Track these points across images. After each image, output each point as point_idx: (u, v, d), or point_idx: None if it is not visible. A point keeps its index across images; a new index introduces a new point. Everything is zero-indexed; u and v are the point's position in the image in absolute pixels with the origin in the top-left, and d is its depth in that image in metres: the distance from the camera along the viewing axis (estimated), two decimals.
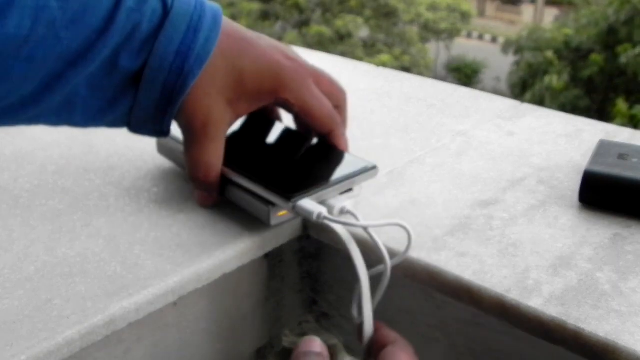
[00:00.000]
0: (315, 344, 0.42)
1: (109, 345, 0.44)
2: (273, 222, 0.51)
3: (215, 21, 0.46)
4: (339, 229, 0.49)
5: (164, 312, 0.47)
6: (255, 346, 0.57)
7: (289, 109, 0.52)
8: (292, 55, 0.52)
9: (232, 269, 0.50)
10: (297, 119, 0.56)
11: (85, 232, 0.52)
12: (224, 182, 0.54)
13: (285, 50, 0.52)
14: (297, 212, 0.50)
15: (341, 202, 0.52)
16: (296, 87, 0.50)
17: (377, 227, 0.48)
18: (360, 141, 0.67)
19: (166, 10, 0.44)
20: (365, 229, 0.48)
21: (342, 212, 0.51)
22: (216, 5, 0.47)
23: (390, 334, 0.44)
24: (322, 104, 0.52)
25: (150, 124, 0.48)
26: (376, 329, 0.45)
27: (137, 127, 0.49)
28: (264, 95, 0.50)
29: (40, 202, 0.56)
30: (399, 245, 0.49)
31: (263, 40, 0.50)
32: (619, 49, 9.64)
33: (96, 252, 0.49)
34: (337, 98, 0.55)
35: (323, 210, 0.49)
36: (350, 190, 0.54)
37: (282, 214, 0.51)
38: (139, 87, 0.45)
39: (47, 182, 0.60)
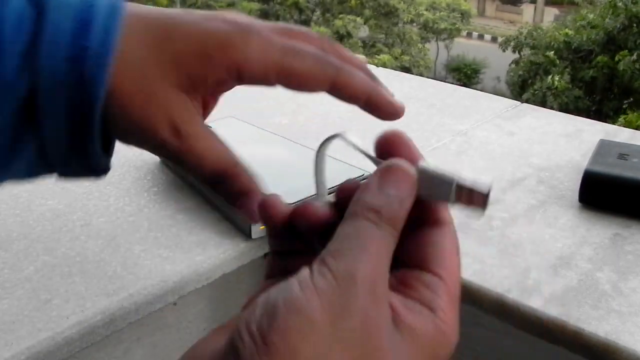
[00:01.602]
0: (405, 183, 0.30)
1: (108, 345, 0.44)
2: (254, 235, 0.51)
3: (113, 6, 0.34)
4: None
5: (164, 312, 0.47)
6: None
7: (267, 83, 0.36)
8: (235, 16, 0.38)
9: (232, 269, 0.50)
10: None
11: (85, 232, 0.52)
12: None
13: (225, 15, 0.38)
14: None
15: None
16: (254, 48, 0.35)
17: None
18: (360, 141, 0.67)
19: (39, 9, 0.33)
20: None
21: None
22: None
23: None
24: (301, 54, 0.36)
25: (75, 160, 0.36)
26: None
27: (64, 170, 0.37)
28: (216, 71, 0.36)
29: (40, 202, 0.56)
30: None
31: (193, 15, 0.38)
32: (619, 55, 9.67)
33: (96, 252, 0.49)
34: (320, 43, 0.38)
35: None
36: None
37: (264, 227, 0.51)
38: (36, 118, 0.33)
39: (47, 182, 0.60)
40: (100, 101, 0.33)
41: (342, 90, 0.37)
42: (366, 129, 0.76)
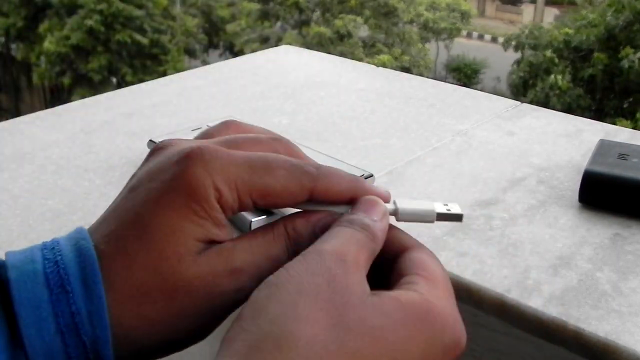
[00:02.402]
0: (376, 209, 0.31)
1: None
2: None
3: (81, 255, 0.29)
4: None
5: None
6: None
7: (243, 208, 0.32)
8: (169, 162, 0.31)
9: None
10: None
11: None
12: None
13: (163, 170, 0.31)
14: None
15: None
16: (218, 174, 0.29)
17: None
18: (360, 141, 0.67)
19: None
20: None
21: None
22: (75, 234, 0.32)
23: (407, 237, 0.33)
24: (271, 166, 0.31)
25: None
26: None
27: None
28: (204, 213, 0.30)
29: (40, 202, 0.56)
30: None
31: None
32: (621, 52, 9.67)
33: None
34: (273, 146, 0.34)
35: None
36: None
37: None
38: None
39: (47, 182, 0.60)
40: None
41: (323, 197, 0.32)
42: (366, 129, 0.76)
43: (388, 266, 0.31)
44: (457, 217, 0.35)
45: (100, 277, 0.28)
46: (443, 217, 0.35)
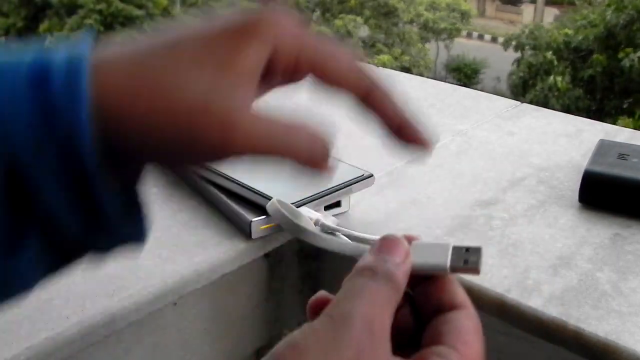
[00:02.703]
0: (398, 250, 0.30)
1: (109, 345, 0.44)
2: (254, 235, 0.51)
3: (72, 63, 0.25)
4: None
5: (164, 312, 0.47)
6: (255, 346, 0.57)
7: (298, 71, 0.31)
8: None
9: (232, 269, 0.50)
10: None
11: None
12: (209, 185, 0.54)
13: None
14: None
15: (326, 218, 0.51)
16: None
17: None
18: (360, 141, 0.67)
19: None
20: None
21: (323, 229, 0.50)
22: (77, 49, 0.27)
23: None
24: (336, 56, 0.31)
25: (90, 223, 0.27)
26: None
27: (86, 246, 0.29)
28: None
29: None
30: None
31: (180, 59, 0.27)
32: (621, 52, 9.67)
33: None
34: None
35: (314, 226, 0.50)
36: (338, 204, 0.54)
37: (264, 227, 0.51)
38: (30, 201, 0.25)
39: None
40: (89, 124, 0.25)
41: (375, 106, 0.33)
42: (366, 129, 0.76)
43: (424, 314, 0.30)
44: (474, 270, 0.30)
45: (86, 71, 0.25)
46: (457, 259, 0.30)
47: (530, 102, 0.81)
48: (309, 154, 0.30)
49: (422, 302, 0.30)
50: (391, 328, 0.27)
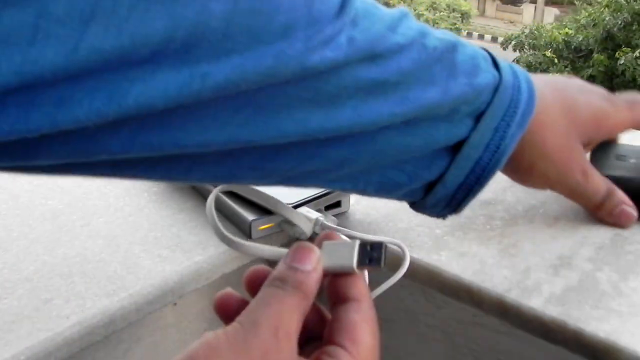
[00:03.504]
0: (309, 258, 0.32)
1: (108, 345, 0.44)
2: (254, 235, 0.51)
3: (531, 92, 0.43)
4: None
5: (164, 312, 0.47)
6: None
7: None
8: (603, 92, 0.52)
9: (232, 269, 0.50)
10: None
11: (84, 232, 0.52)
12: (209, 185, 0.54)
13: (602, 92, 0.52)
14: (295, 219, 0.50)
15: (326, 218, 0.51)
16: (621, 119, 0.53)
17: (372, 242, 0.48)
18: None
19: (497, 84, 0.41)
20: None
21: (323, 229, 0.50)
22: (524, 72, 0.44)
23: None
24: None
25: (441, 206, 0.44)
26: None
27: (424, 206, 0.45)
28: (602, 134, 0.53)
29: (40, 201, 0.56)
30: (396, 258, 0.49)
31: (581, 88, 0.50)
32: (619, 52, 9.69)
33: (96, 252, 0.49)
34: None
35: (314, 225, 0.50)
36: (338, 204, 0.54)
37: (264, 227, 0.51)
38: (450, 163, 0.41)
39: (47, 182, 0.60)
40: (499, 168, 0.43)
41: None
42: None
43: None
44: (380, 253, 0.32)
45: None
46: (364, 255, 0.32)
47: None
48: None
49: (330, 296, 0.32)
50: (304, 328, 0.30)
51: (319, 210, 0.52)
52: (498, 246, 0.50)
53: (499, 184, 0.60)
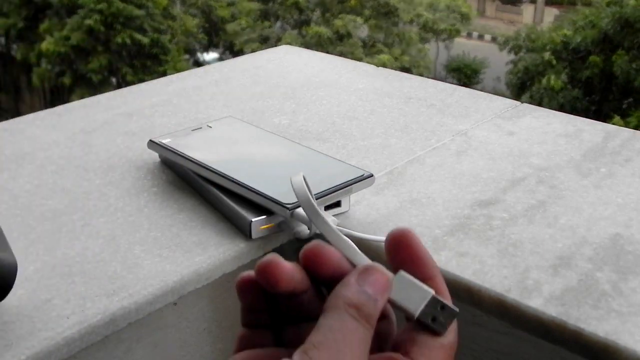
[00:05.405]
0: (381, 285, 0.30)
1: (109, 345, 0.44)
2: (254, 235, 0.51)
3: None
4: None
5: (164, 312, 0.47)
6: None
7: None
8: None
9: (232, 269, 0.50)
10: None
11: (85, 232, 0.52)
12: (209, 185, 0.54)
13: None
14: (294, 220, 0.50)
15: (326, 218, 0.51)
16: None
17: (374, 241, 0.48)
18: (360, 141, 0.67)
19: None
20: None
21: None
22: None
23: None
24: None
25: None
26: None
27: None
28: None
29: (40, 202, 0.56)
30: None
31: None
32: (614, 56, 9.69)
33: (96, 252, 0.49)
34: None
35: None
36: (338, 204, 0.54)
37: (264, 227, 0.51)
38: None
39: (46, 182, 0.60)
40: None
41: None
42: (366, 129, 0.76)
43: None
44: (449, 319, 0.30)
45: None
46: (431, 311, 0.30)
47: (525, 103, 0.81)
48: None
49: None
50: None
51: None
52: (498, 246, 0.50)
53: (499, 184, 0.60)
